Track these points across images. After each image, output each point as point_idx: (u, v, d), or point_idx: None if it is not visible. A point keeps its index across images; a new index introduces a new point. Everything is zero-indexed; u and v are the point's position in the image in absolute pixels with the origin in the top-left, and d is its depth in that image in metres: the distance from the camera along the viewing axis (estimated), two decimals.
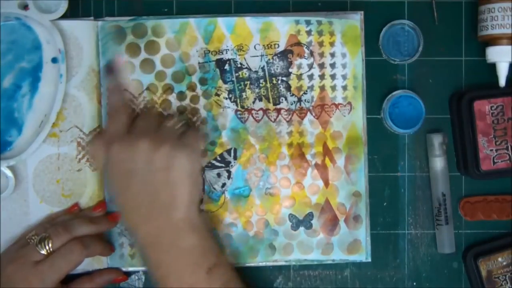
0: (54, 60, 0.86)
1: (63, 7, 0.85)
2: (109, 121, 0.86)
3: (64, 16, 0.86)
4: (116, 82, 0.87)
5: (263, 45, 0.88)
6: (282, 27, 0.87)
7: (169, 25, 0.87)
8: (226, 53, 0.88)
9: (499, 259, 0.88)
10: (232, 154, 0.88)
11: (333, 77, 0.88)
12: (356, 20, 0.88)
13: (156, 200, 0.79)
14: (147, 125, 0.83)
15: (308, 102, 0.88)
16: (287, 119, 0.88)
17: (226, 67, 0.88)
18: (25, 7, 0.85)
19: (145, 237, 0.80)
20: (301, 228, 0.88)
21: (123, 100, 0.87)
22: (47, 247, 0.81)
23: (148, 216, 0.79)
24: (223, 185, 0.88)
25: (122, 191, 0.80)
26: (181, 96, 0.88)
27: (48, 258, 0.81)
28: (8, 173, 0.85)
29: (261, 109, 0.88)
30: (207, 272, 0.78)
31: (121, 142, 0.80)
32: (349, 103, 0.88)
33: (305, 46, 0.87)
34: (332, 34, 0.87)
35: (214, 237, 0.84)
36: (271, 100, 0.88)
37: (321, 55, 0.88)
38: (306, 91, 0.88)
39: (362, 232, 0.88)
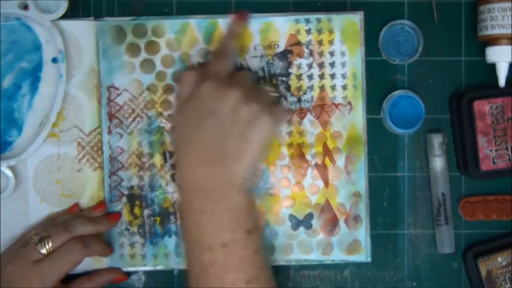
0: (54, 60, 0.86)
1: (63, 7, 0.85)
2: (213, 60, 0.85)
3: (64, 16, 0.86)
4: (239, 29, 0.87)
5: (263, 46, 0.88)
6: (282, 27, 0.87)
7: (169, 26, 0.88)
8: None
9: (499, 259, 0.88)
10: None
11: (332, 76, 0.88)
12: (355, 16, 0.87)
13: (224, 149, 0.78)
14: (245, 79, 0.83)
15: (308, 102, 0.88)
16: (287, 119, 0.88)
17: None
18: (25, 7, 0.85)
19: (198, 180, 0.78)
20: (301, 228, 0.88)
21: (234, 48, 0.86)
22: (47, 247, 0.81)
23: (210, 160, 0.78)
24: None
25: (194, 127, 0.79)
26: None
27: (48, 257, 0.81)
28: (8, 173, 0.86)
29: None
30: (246, 232, 0.78)
31: (217, 82, 0.79)
32: (349, 102, 0.88)
33: (305, 46, 0.87)
34: (331, 31, 0.87)
35: (257, 204, 0.84)
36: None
37: (321, 54, 0.88)
38: (306, 91, 0.88)
39: (362, 232, 0.88)
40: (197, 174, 0.78)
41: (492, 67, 0.87)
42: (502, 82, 0.87)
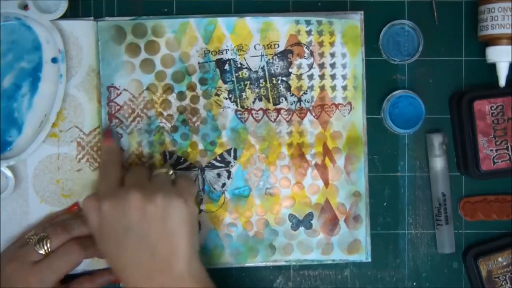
0: (54, 60, 0.86)
1: (63, 7, 0.85)
2: (100, 179, 0.84)
3: (64, 16, 0.86)
4: (112, 145, 0.86)
5: (263, 45, 0.88)
6: (282, 27, 0.87)
7: (169, 25, 0.87)
8: (226, 53, 0.88)
9: (499, 259, 0.88)
10: (232, 154, 0.88)
11: (333, 77, 0.88)
12: (356, 20, 0.88)
13: (155, 254, 0.76)
14: (137, 177, 0.81)
15: (308, 102, 0.88)
16: (287, 119, 0.88)
17: (226, 67, 0.88)
18: (25, 7, 0.85)
19: None
20: (301, 228, 0.88)
21: (115, 159, 0.85)
22: (45, 247, 0.81)
23: (149, 272, 0.76)
24: (223, 185, 0.88)
25: (119, 251, 0.77)
26: (181, 96, 0.88)
27: (46, 258, 0.81)
28: (8, 173, 0.85)
29: (261, 109, 0.88)
30: None
31: (111, 199, 0.77)
32: (349, 103, 0.88)
33: (305, 46, 0.87)
34: (332, 34, 0.87)
35: (213, 284, 0.81)
36: (271, 100, 0.88)
37: (321, 55, 0.88)
38: (306, 91, 0.88)
39: (362, 232, 0.88)
40: None
41: (492, 67, 0.87)
42: (502, 82, 0.87)
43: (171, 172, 0.84)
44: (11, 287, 0.80)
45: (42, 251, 0.81)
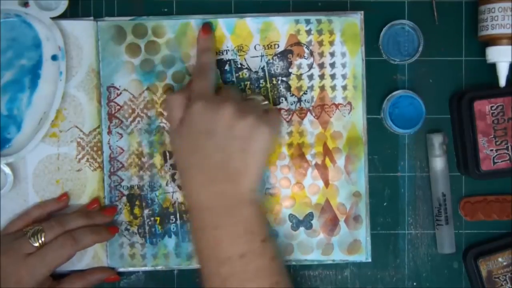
0: (54, 57, 0.86)
1: (64, 4, 0.85)
2: (195, 79, 0.84)
3: (64, 16, 0.86)
4: (209, 43, 0.87)
5: (263, 45, 0.88)
6: (282, 27, 0.87)
7: (169, 26, 0.88)
8: (227, 53, 0.88)
9: (499, 259, 0.88)
10: None
11: (333, 77, 0.88)
12: (355, 17, 0.88)
13: (228, 166, 0.78)
14: (234, 93, 0.83)
15: (308, 102, 0.88)
16: (287, 119, 0.88)
17: (227, 67, 0.88)
18: (25, 4, 0.85)
19: (207, 199, 0.79)
20: (301, 228, 0.88)
21: (212, 61, 0.86)
22: (40, 240, 0.82)
23: (216, 178, 0.78)
24: None
25: (195, 149, 0.79)
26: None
27: (38, 251, 0.82)
28: (7, 170, 0.85)
29: None
30: (261, 241, 0.78)
31: (207, 101, 0.79)
32: (349, 103, 0.88)
33: (305, 46, 0.87)
34: (331, 32, 0.87)
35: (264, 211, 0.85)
36: (271, 100, 0.88)
37: (321, 54, 0.88)
38: (306, 91, 0.88)
39: (362, 232, 0.88)
40: (205, 194, 0.79)
41: (493, 67, 0.87)
42: (502, 82, 0.87)
43: (265, 102, 0.86)
44: (3, 279, 0.80)
45: (36, 244, 0.82)
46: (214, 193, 0.78)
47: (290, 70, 0.88)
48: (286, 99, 0.88)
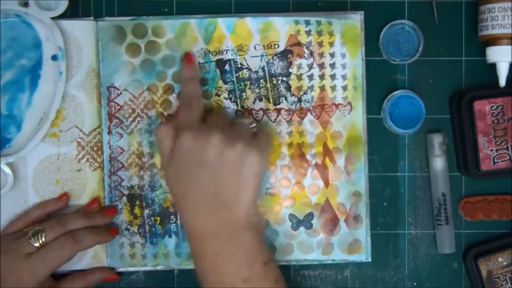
0: (54, 57, 0.86)
1: (64, 4, 0.85)
2: (182, 109, 0.85)
3: (64, 16, 0.86)
4: (194, 71, 0.87)
5: (263, 45, 0.88)
6: (282, 27, 0.87)
7: (169, 26, 0.87)
8: (226, 53, 0.88)
9: (499, 259, 0.88)
10: None
11: (333, 77, 0.88)
12: (355, 20, 0.88)
13: (222, 193, 0.78)
14: (221, 120, 0.83)
15: (308, 102, 0.88)
16: (287, 119, 0.88)
17: (226, 67, 0.88)
18: (25, 4, 0.85)
19: (204, 228, 0.79)
20: (301, 228, 0.88)
21: (198, 91, 0.86)
22: (40, 240, 0.82)
23: (211, 207, 0.78)
24: None
25: (187, 180, 0.79)
26: (181, 96, 0.88)
27: (39, 251, 0.82)
28: (7, 170, 0.85)
29: (261, 109, 0.88)
30: (264, 264, 0.79)
31: (195, 131, 0.79)
32: (349, 103, 0.88)
33: (305, 46, 0.87)
34: (331, 34, 0.87)
35: (265, 233, 0.86)
36: (271, 100, 0.88)
37: (321, 55, 0.88)
38: (306, 91, 0.88)
39: (362, 232, 0.88)
40: (202, 223, 0.79)
41: (493, 67, 0.87)
42: (502, 82, 0.87)
43: (253, 125, 0.85)
44: (3, 279, 0.80)
45: (36, 244, 0.82)
46: (211, 222, 0.79)
47: (290, 70, 0.88)
48: (286, 99, 0.88)
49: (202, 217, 0.79)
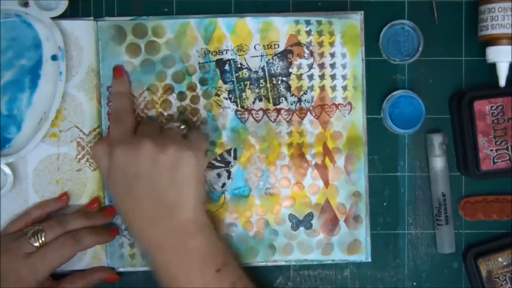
0: (54, 57, 0.86)
1: (64, 4, 0.85)
2: (113, 125, 0.85)
3: (64, 16, 0.86)
4: (123, 86, 0.87)
5: (263, 45, 0.88)
6: (282, 27, 0.87)
7: (169, 26, 0.87)
8: (226, 53, 0.88)
9: (499, 259, 0.88)
10: (232, 154, 0.88)
11: (333, 77, 0.88)
12: (356, 20, 0.88)
13: (162, 202, 0.79)
14: (150, 128, 0.84)
15: (308, 102, 0.88)
16: (287, 119, 0.88)
17: (226, 67, 0.88)
18: (25, 4, 0.85)
19: (152, 240, 0.79)
20: (301, 228, 0.88)
21: (128, 105, 0.86)
22: (40, 240, 0.82)
23: (154, 218, 0.79)
24: (223, 185, 0.88)
25: (126, 195, 0.80)
26: (181, 96, 0.88)
27: (39, 250, 0.82)
28: (7, 170, 0.85)
29: (261, 109, 0.88)
30: (216, 271, 0.79)
31: (124, 145, 0.80)
32: (349, 103, 0.88)
33: (305, 46, 0.87)
34: (331, 34, 0.87)
35: (220, 237, 0.85)
36: (271, 100, 0.88)
37: (321, 55, 0.88)
38: (306, 91, 0.88)
39: (362, 232, 0.88)
40: (149, 236, 0.80)
41: (493, 67, 0.87)
42: (502, 82, 0.87)
43: (183, 127, 0.85)
44: (3, 279, 0.80)
45: (36, 244, 0.82)
46: (156, 233, 0.79)
47: (290, 70, 0.88)
48: (286, 99, 0.88)
49: (147, 230, 0.79)
